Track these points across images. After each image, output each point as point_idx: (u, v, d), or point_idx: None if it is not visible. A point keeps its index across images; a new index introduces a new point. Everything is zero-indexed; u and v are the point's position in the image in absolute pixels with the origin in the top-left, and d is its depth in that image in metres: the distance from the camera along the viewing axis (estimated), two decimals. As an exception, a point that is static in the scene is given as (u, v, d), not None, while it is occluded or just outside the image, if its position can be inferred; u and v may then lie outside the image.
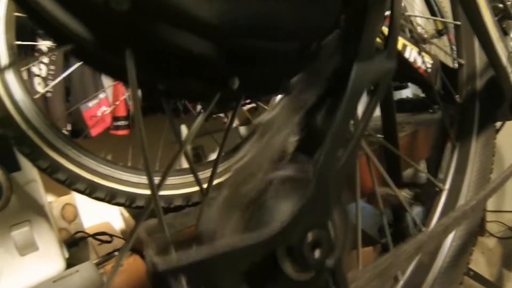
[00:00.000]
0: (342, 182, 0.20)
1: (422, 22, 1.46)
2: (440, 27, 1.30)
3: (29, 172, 0.74)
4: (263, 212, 0.19)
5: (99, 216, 1.10)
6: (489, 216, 1.76)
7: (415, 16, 1.03)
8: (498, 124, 0.72)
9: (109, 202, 0.69)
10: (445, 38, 1.33)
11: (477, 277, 1.18)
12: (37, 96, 0.88)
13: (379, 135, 1.06)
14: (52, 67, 0.95)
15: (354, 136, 0.20)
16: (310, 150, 0.19)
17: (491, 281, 1.23)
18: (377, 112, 1.08)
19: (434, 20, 1.31)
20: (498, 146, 1.46)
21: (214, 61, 0.21)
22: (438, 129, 0.91)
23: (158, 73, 0.22)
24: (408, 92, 1.88)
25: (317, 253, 0.20)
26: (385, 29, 0.54)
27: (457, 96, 0.53)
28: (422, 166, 1.86)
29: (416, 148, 1.10)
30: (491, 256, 1.53)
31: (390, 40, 0.20)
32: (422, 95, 1.68)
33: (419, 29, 1.34)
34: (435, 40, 1.32)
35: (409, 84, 1.71)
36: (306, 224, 0.19)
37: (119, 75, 0.23)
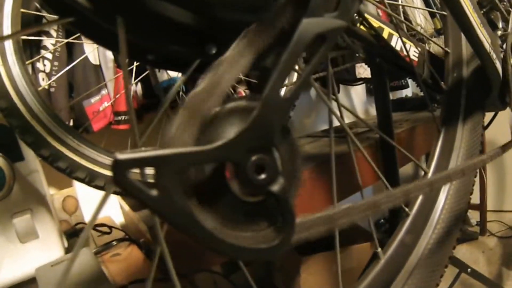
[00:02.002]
0: (286, 116, 0.22)
1: (422, 22, 1.47)
2: (439, 26, 1.31)
3: (32, 162, 0.76)
4: (211, 133, 0.21)
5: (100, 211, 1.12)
6: (490, 216, 1.76)
7: (403, 5, 1.04)
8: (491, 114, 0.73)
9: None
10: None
11: (477, 275, 1.18)
12: (40, 88, 0.91)
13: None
14: (56, 63, 0.97)
15: (301, 78, 0.22)
16: (261, 89, 0.21)
17: (491, 279, 1.22)
18: (373, 111, 1.09)
19: (433, 20, 1.32)
20: (491, 135, 1.46)
21: (194, 29, 0.24)
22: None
23: (147, 42, 0.25)
24: (408, 91, 1.89)
25: (261, 176, 0.22)
26: (372, 20, 0.55)
27: (443, 83, 0.54)
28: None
29: (414, 145, 1.11)
30: (491, 256, 1.52)
31: (342, 2, 0.22)
32: (421, 94, 1.69)
33: (419, 29, 1.35)
34: (435, 39, 1.33)
35: (409, 83, 1.72)
36: (249, 145, 0.21)
37: (113, 45, 0.26)
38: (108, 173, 0.72)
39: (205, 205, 0.21)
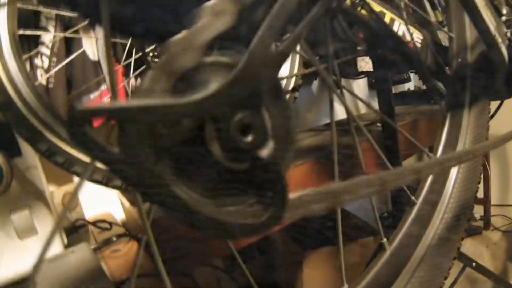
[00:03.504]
0: (277, 72, 0.20)
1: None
2: (441, 18, 1.29)
3: (30, 158, 0.75)
4: (190, 86, 0.19)
5: (101, 207, 1.11)
6: (494, 210, 1.75)
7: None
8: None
9: (106, 184, 0.70)
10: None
11: (483, 270, 1.16)
12: (37, 83, 0.90)
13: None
14: (54, 58, 0.96)
15: (292, 34, 0.20)
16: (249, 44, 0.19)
17: (495, 273, 1.21)
18: (376, 105, 1.08)
19: (434, 12, 1.30)
20: (495, 129, 1.45)
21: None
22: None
23: (131, 10, 0.23)
24: (410, 85, 1.87)
25: (247, 138, 0.19)
26: (373, 4, 0.54)
27: (447, 68, 0.53)
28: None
29: (416, 137, 1.09)
30: (495, 250, 1.51)
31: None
32: (424, 87, 1.67)
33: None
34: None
35: (411, 77, 1.70)
36: (234, 99, 0.19)
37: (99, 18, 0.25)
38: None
39: (181, 171, 0.18)
